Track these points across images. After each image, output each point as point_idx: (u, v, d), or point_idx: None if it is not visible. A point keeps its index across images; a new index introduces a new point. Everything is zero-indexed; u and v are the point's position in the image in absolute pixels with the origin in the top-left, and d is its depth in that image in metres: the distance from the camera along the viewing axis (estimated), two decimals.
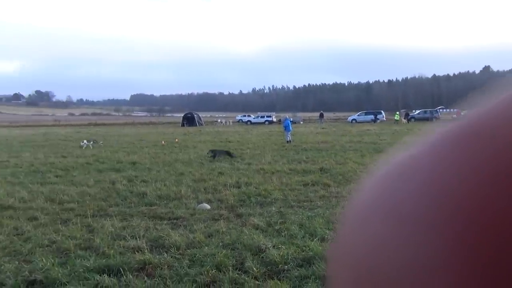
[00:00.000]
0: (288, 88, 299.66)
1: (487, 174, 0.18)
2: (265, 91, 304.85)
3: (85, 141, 23.25)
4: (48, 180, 11.60)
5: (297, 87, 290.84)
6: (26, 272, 4.86)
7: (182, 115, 65.59)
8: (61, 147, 22.80)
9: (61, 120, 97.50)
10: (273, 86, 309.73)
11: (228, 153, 16.31)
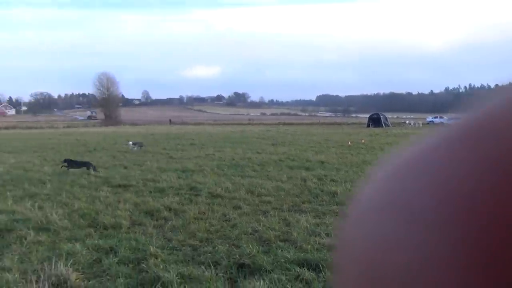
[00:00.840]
0: (489, 86, 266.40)
1: (500, 170, 0.18)
2: (460, 90, 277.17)
3: (130, 142, 21.92)
4: (247, 174, 12.78)
5: (500, 85, 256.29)
6: (237, 256, 5.44)
7: (368, 116, 64.47)
8: (256, 144, 24.88)
9: (254, 119, 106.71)
10: (470, 84, 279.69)
11: (87, 165, 13.23)
